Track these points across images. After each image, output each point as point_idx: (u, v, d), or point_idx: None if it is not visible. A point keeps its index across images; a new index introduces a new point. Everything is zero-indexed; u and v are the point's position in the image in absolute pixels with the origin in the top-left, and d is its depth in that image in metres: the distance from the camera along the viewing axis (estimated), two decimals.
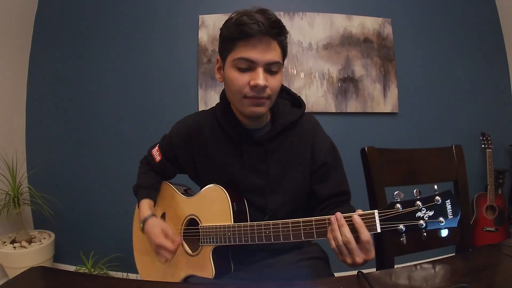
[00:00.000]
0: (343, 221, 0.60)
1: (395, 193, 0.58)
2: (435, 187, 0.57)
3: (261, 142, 0.80)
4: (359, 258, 0.59)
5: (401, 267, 0.70)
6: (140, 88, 2.03)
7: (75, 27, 2.05)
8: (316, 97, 2.01)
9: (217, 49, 2.25)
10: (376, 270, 0.94)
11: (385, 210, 0.58)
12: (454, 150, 1.07)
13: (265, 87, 0.70)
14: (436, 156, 1.07)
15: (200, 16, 2.00)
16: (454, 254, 0.98)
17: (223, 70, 0.76)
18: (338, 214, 0.61)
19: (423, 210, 0.55)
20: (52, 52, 2.06)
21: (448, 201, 0.55)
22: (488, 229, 2.00)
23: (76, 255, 1.91)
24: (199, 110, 1.97)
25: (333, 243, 0.61)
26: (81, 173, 2.04)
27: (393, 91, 2.09)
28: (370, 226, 0.59)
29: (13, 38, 1.96)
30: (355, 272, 0.63)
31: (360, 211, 0.62)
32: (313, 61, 2.02)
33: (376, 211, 0.59)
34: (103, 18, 2.04)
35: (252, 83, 0.69)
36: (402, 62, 2.11)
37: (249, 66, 0.70)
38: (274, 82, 0.72)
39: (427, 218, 0.55)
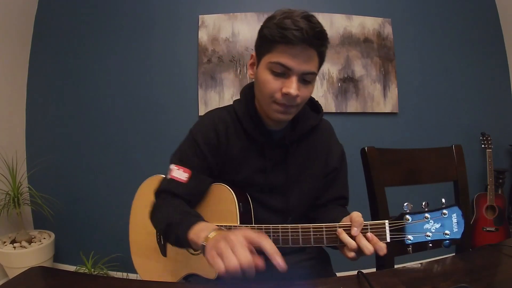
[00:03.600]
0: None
1: (405, 204, 0.60)
2: (443, 200, 0.59)
3: (283, 144, 0.80)
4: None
5: (401, 267, 0.70)
6: (140, 88, 2.03)
7: (75, 27, 2.05)
8: (316, 97, 1.98)
9: (217, 49, 2.23)
10: (376, 270, 0.94)
11: (395, 221, 0.60)
12: (454, 150, 1.07)
13: (296, 96, 0.68)
14: (436, 156, 1.07)
15: (200, 16, 2.00)
16: (454, 254, 0.98)
17: (256, 68, 0.74)
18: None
19: (431, 223, 0.58)
20: (52, 52, 2.06)
21: (455, 215, 0.58)
22: (488, 229, 2.00)
23: (76, 255, 1.91)
24: (199, 110, 1.98)
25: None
26: (81, 173, 2.04)
27: (393, 91, 2.09)
28: (380, 236, 0.60)
29: (13, 38, 1.96)
30: (355, 272, 0.63)
31: (355, 214, 0.62)
32: None
33: (386, 221, 0.60)
34: (103, 18, 2.04)
35: (284, 90, 0.67)
36: (402, 62, 2.11)
37: (284, 72, 0.68)
38: (305, 92, 0.70)
39: (434, 230, 0.58)
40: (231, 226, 0.73)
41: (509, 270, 0.68)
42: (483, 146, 2.06)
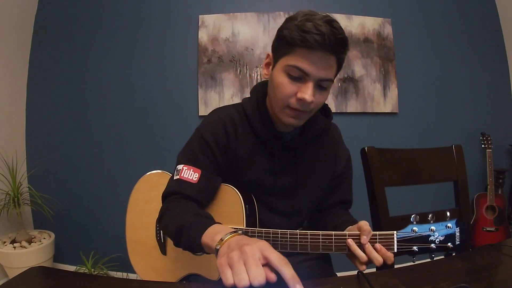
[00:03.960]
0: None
1: (412, 216, 0.63)
2: (448, 213, 0.62)
3: (293, 147, 0.79)
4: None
5: (401, 267, 0.70)
6: (140, 88, 2.03)
7: (75, 27, 2.05)
8: None
9: (217, 49, 2.23)
10: (376, 270, 0.94)
11: (403, 232, 0.62)
12: (454, 150, 1.07)
13: (311, 102, 0.66)
14: (436, 156, 1.07)
15: (200, 16, 2.00)
16: (454, 254, 0.98)
17: (272, 69, 0.72)
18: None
19: (436, 235, 0.61)
20: (52, 52, 2.06)
21: (458, 228, 0.61)
22: (488, 229, 2.00)
23: (76, 255, 1.91)
24: (199, 110, 1.98)
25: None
26: (81, 173, 2.04)
27: (393, 91, 2.09)
28: (388, 246, 0.62)
29: (13, 38, 1.96)
30: (355, 272, 0.63)
31: (363, 223, 0.63)
32: None
33: (395, 232, 0.62)
34: (103, 18, 2.04)
35: (299, 95, 0.66)
36: (402, 62, 2.11)
37: (301, 76, 0.66)
38: (320, 99, 0.69)
39: (438, 242, 0.61)
40: (237, 229, 0.71)
41: (509, 270, 0.68)
42: (483, 146, 2.06)
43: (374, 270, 0.83)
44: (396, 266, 0.80)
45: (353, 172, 0.92)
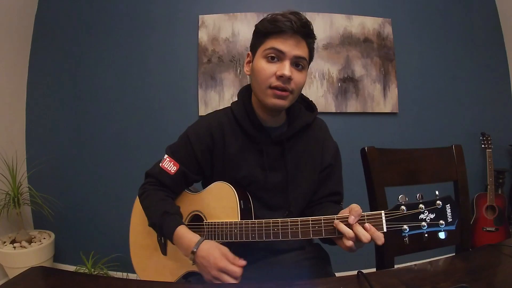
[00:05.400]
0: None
1: (400, 196, 0.62)
2: (436, 192, 0.61)
3: (279, 141, 0.82)
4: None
5: (401, 267, 0.70)
6: (140, 88, 2.03)
7: (75, 27, 2.05)
8: (316, 97, 2.01)
9: (217, 49, 2.25)
10: (376, 270, 0.94)
11: (391, 211, 0.62)
12: (454, 150, 1.07)
13: (290, 78, 0.73)
14: (436, 156, 1.07)
15: (200, 16, 2.00)
16: (454, 254, 0.98)
17: (252, 63, 0.80)
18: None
19: (426, 213, 0.60)
20: (52, 52, 2.06)
21: (448, 205, 0.60)
22: (488, 229, 2.00)
23: (76, 255, 1.91)
24: (199, 110, 1.98)
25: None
26: (81, 173, 2.04)
27: (393, 91, 2.09)
28: (377, 226, 0.62)
29: (13, 38, 1.96)
30: (355, 272, 0.63)
31: (354, 205, 0.64)
32: (313, 61, 2.02)
33: (382, 211, 0.62)
34: (103, 18, 2.04)
35: (278, 73, 0.73)
36: (402, 62, 2.11)
37: (278, 56, 0.74)
38: (299, 78, 0.76)
39: (428, 220, 0.60)
40: (232, 222, 0.75)
41: (509, 270, 0.68)
42: (483, 146, 2.06)
43: (374, 270, 0.84)
44: (396, 266, 0.80)
45: (353, 172, 0.92)
